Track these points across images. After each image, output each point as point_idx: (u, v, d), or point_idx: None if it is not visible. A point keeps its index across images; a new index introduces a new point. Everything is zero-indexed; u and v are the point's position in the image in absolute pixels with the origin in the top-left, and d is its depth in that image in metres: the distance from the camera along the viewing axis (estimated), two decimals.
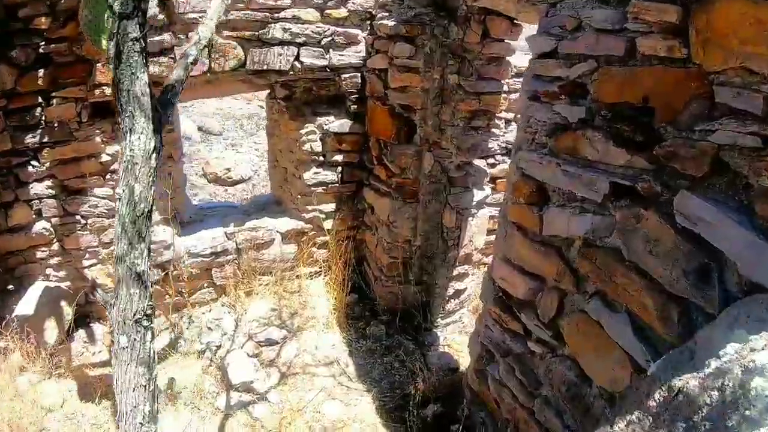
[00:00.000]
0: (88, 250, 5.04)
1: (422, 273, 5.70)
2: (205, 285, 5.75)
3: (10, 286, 4.86)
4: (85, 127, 4.69)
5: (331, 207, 6.20)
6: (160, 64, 4.58)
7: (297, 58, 5.34)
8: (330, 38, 5.39)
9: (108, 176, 4.91)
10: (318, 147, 5.83)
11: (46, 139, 4.55)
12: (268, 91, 6.05)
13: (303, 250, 6.29)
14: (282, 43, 5.21)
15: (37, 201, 4.69)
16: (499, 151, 6.16)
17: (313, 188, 5.98)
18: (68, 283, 5.08)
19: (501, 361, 3.57)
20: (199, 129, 23.28)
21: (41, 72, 4.28)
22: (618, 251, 2.46)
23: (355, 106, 5.73)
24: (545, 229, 2.95)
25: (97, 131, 4.72)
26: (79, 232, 4.95)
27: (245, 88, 5.90)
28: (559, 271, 2.87)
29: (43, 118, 4.48)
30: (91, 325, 5.18)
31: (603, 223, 2.53)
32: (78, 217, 4.89)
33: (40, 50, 4.21)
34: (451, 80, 4.74)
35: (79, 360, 4.82)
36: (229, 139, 23.40)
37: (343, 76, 5.59)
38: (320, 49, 5.38)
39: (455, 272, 5.68)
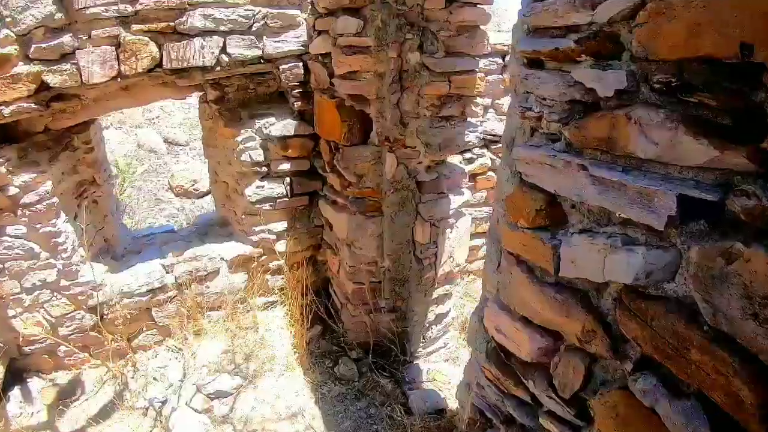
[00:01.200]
0: (10, 298, 4.34)
1: (395, 298, 4.61)
2: (147, 327, 4.96)
3: None
4: None
5: (282, 226, 5.12)
6: (61, 73, 3.84)
7: (223, 49, 4.27)
8: (262, 22, 4.30)
9: (21, 211, 4.16)
10: (259, 156, 4.74)
11: None
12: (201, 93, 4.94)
13: (254, 279, 5.31)
14: (204, 33, 4.17)
15: None
16: (477, 143, 5.05)
17: (258, 205, 4.89)
18: None
19: (502, 429, 2.53)
20: (165, 140, 22.27)
21: None
22: (690, 308, 1.40)
23: (300, 103, 4.62)
24: (564, 268, 1.82)
25: (1, 160, 3.98)
26: None
27: (170, 93, 4.79)
28: (587, 329, 1.79)
29: None
30: (27, 381, 4.55)
31: (663, 262, 1.46)
32: None
33: None
34: (412, 59, 3.65)
35: (16, 423, 4.23)
36: (196, 149, 22.52)
37: (282, 67, 4.49)
38: (251, 37, 4.30)
39: (435, 294, 4.63)
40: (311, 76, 4.46)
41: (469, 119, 4.04)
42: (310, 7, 4.36)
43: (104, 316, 4.59)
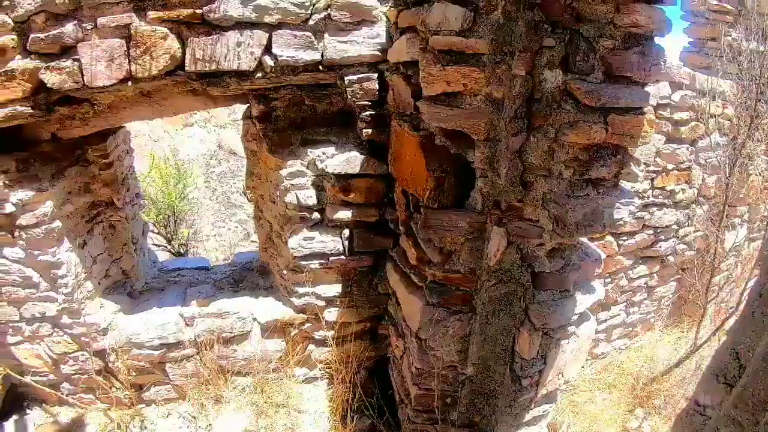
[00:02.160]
0: (10, 325, 3.81)
1: (473, 413, 3.14)
2: (160, 382, 4.08)
3: None
4: None
5: (334, 290, 3.77)
6: (60, 71, 2.97)
7: (268, 49, 3.03)
8: (323, 14, 3.00)
9: (17, 233, 3.48)
10: (310, 197, 3.43)
11: None
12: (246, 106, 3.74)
13: (293, 347, 4.01)
14: (241, 25, 2.95)
15: None
16: (630, 221, 3.51)
17: (304, 262, 3.57)
18: None
19: None
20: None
21: None
22: None
23: (370, 130, 3.23)
24: None
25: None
26: None
27: (202, 103, 3.58)
28: None
29: None
30: (27, 411, 4.14)
31: None
32: None
33: None
34: (550, 81, 2.18)
35: None
36: None
37: (349, 79, 3.13)
38: (307, 34, 3.01)
39: (527, 416, 3.13)
40: (389, 94, 3.09)
41: (623, 184, 2.50)
42: None
43: (111, 363, 3.92)
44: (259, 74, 3.05)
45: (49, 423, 4.07)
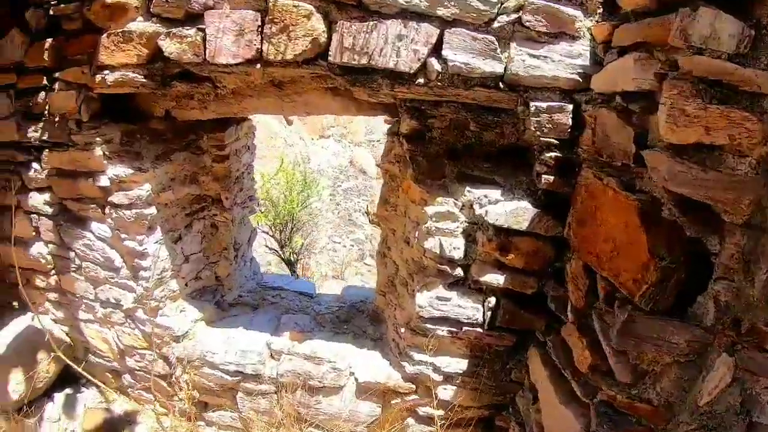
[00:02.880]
0: (84, 300, 3.67)
1: None
2: (227, 407, 3.68)
3: (15, 303, 4.01)
4: (86, 129, 3.15)
5: (458, 365, 2.99)
6: (181, 40, 2.59)
7: (436, 50, 2.35)
8: (513, 17, 2.25)
9: (108, 210, 3.28)
10: (457, 248, 2.67)
11: (46, 137, 3.32)
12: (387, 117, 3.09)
13: (390, 418, 3.24)
14: (407, 14, 2.31)
15: (36, 216, 3.57)
16: None
17: (430, 325, 2.81)
18: (66, 329, 3.93)
19: None
20: (378, 165, 21.45)
21: (48, 42, 3.07)
22: None
23: (551, 178, 2.40)
24: None
25: (99, 139, 3.12)
26: (73, 273, 3.63)
27: (341, 107, 2.96)
28: None
29: (47, 108, 3.26)
30: (81, 389, 3.96)
31: None
32: (72, 254, 3.56)
33: (51, 12, 2.99)
34: None
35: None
36: None
37: (536, 105, 2.36)
38: (489, 39, 2.29)
39: None
40: (585, 134, 2.26)
41: None
42: (600, 7, 2.23)
43: (176, 375, 3.61)
44: (421, 80, 2.37)
45: (101, 408, 3.86)
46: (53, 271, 3.74)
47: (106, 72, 2.86)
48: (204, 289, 3.83)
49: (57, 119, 3.27)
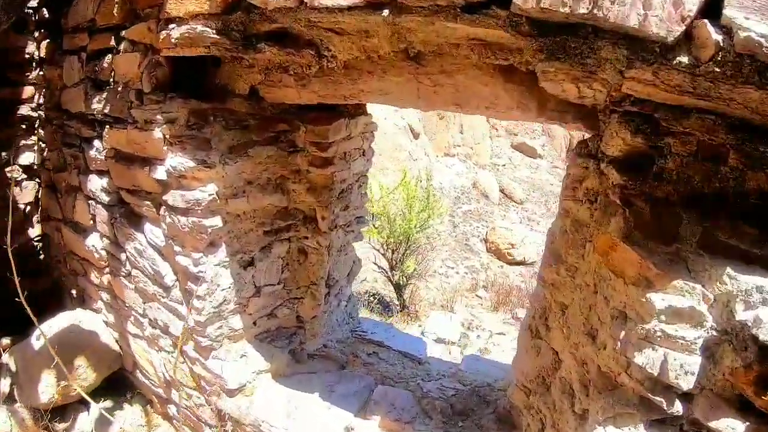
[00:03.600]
0: (133, 312, 2.97)
1: None
2: None
3: (74, 291, 3.57)
4: (148, 103, 2.39)
5: None
6: None
7: (712, 11, 1.09)
8: None
9: (163, 211, 2.46)
10: (688, 372, 1.37)
11: (108, 110, 2.65)
12: (582, 132, 1.87)
13: None
14: None
15: (94, 203, 2.97)
16: None
17: None
18: (116, 335, 3.30)
19: None
20: (501, 190, 20.06)
21: None
22: None
23: None
24: None
25: (160, 117, 2.30)
26: (123, 279, 2.95)
27: (509, 100, 1.79)
28: None
29: (112, 75, 2.64)
30: (124, 405, 3.29)
31: None
32: (124, 255, 2.87)
33: None
34: None
35: None
36: (528, 211, 19.81)
37: None
38: None
39: None
40: None
41: None
42: None
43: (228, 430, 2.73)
44: (683, 58, 1.17)
45: None
46: (107, 269, 3.10)
47: (173, 26, 1.99)
48: (278, 332, 2.84)
49: (120, 88, 2.57)
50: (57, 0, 3.16)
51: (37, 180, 3.78)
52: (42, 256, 4.02)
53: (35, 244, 3.97)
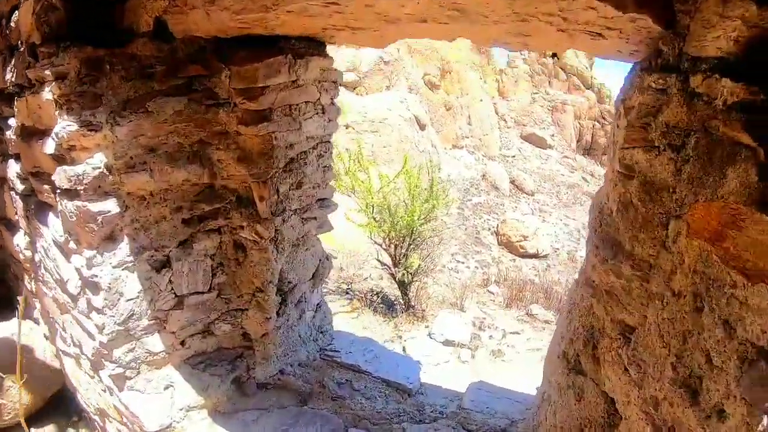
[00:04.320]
0: (56, 325, 2.37)
1: None
2: None
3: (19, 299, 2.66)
4: (41, 59, 1.77)
5: None
6: None
7: None
8: None
9: (58, 197, 1.82)
10: None
11: (14, 77, 2.07)
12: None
13: None
14: None
15: (13, 193, 2.36)
16: None
17: None
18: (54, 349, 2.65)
19: None
20: (511, 182, 19.16)
21: None
22: None
23: None
24: None
25: (49, 72, 1.68)
26: (42, 284, 2.39)
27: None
28: None
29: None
30: (69, 429, 2.67)
31: None
32: (37, 256, 2.28)
33: None
34: None
35: None
36: (540, 203, 18.89)
37: None
38: None
39: None
40: None
41: None
42: None
43: None
44: None
45: None
46: (33, 273, 2.55)
47: None
48: (218, 354, 2.10)
49: (22, 48, 1.97)
50: None
51: None
52: None
53: None
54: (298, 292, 2.21)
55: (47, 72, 1.63)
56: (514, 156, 21.28)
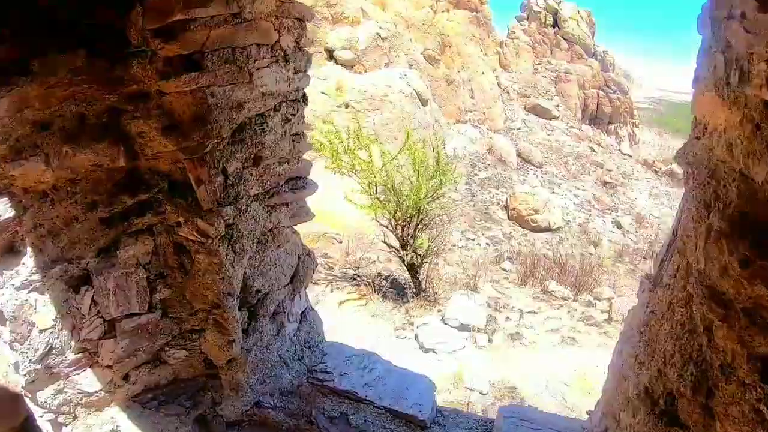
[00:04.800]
0: None
1: None
2: None
3: None
4: None
5: None
6: None
7: None
8: None
9: None
10: None
11: None
12: None
13: None
14: None
15: None
16: None
17: None
18: None
19: None
20: (518, 154, 18.50)
21: None
22: None
23: None
24: None
25: None
26: None
27: None
28: None
29: None
30: None
31: None
32: None
33: None
34: None
35: None
36: (548, 174, 18.24)
37: None
38: None
39: None
40: None
41: None
42: None
43: None
44: None
45: None
46: None
47: None
48: (174, 388, 1.55)
49: None
50: None
51: None
52: None
53: None
54: (272, 302, 1.68)
55: None
56: (519, 128, 20.59)
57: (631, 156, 24.78)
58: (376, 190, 6.42)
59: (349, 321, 6.32)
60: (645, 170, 22.62)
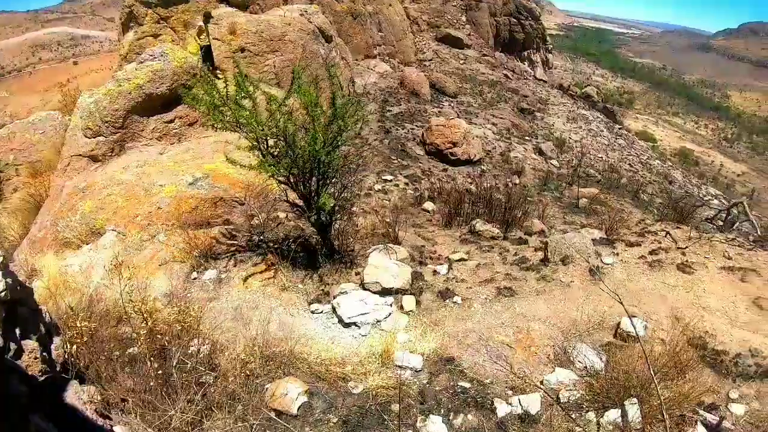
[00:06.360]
0: None
1: None
2: None
3: None
4: None
5: None
6: None
7: None
8: None
9: None
10: None
11: None
12: None
13: None
14: None
15: None
16: None
17: None
18: None
19: None
20: (432, 86, 17.39)
21: None
22: None
23: None
24: None
25: None
26: None
27: None
28: None
29: None
30: None
31: None
32: None
33: None
34: None
35: None
36: (464, 104, 17.27)
37: None
38: None
39: None
40: None
41: None
42: None
43: None
44: None
45: None
46: None
47: None
48: None
49: None
50: None
51: None
52: None
53: None
54: None
55: None
56: (431, 59, 19.34)
57: (545, 81, 24.17)
58: (267, 145, 5.10)
59: (255, 300, 5.15)
60: (561, 95, 22.16)
